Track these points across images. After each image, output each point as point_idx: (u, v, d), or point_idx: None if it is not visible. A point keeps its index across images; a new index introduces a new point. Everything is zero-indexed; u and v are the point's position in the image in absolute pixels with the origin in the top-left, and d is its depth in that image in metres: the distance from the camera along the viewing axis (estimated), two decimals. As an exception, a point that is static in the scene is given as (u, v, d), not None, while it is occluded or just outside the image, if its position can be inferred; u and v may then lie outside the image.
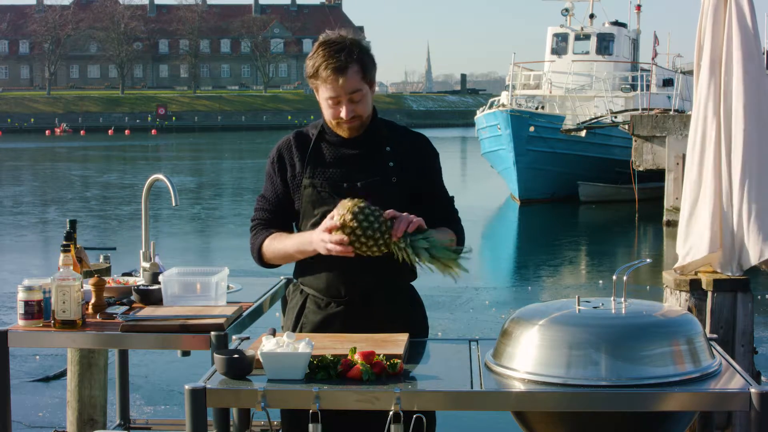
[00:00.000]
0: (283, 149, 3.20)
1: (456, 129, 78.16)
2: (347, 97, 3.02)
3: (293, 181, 3.16)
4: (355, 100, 3.04)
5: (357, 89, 3.03)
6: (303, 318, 3.16)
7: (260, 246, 3.17)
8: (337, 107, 3.06)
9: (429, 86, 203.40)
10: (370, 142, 3.14)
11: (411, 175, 3.15)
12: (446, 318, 10.02)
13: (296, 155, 3.16)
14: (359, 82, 3.03)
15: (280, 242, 3.13)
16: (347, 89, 3.01)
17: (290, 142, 3.20)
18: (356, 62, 3.01)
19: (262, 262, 3.21)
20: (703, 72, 4.53)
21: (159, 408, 6.93)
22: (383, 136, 3.17)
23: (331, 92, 3.03)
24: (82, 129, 74.11)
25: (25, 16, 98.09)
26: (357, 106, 3.05)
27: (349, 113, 3.05)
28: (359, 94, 3.04)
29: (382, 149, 3.15)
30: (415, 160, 3.18)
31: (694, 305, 4.62)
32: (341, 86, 3.00)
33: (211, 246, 16.71)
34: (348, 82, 3.00)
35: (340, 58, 2.99)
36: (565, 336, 2.55)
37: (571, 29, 29.28)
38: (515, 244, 18.23)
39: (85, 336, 3.29)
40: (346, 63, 2.99)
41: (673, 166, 17.26)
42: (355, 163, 3.12)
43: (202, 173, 34.16)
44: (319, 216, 3.10)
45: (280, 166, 3.18)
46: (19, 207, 22.49)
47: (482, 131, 25.38)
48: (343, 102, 3.04)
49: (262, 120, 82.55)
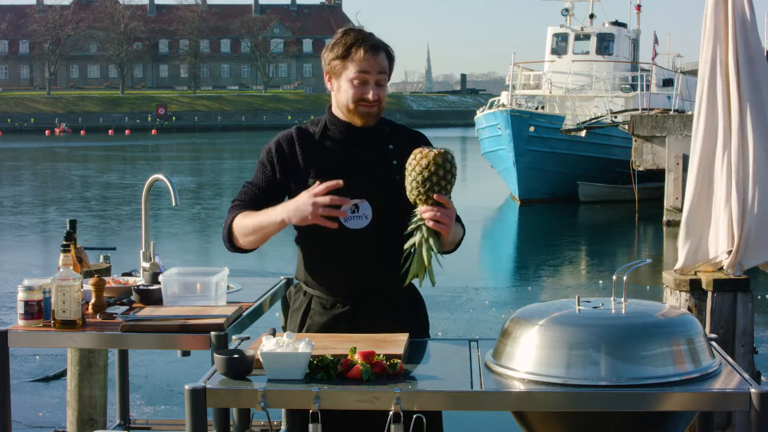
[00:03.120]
0: (283, 142, 3.17)
1: (456, 129, 78.15)
2: (376, 77, 3.08)
3: (294, 177, 3.12)
4: (381, 83, 3.10)
5: (385, 71, 3.11)
6: (309, 320, 3.14)
7: (230, 225, 3.11)
8: (364, 87, 3.08)
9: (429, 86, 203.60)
10: (373, 140, 3.15)
11: None
12: (446, 318, 10.02)
13: (299, 152, 3.13)
14: (387, 66, 3.13)
15: (250, 218, 3.06)
16: (379, 68, 3.09)
17: (292, 137, 3.16)
18: (385, 49, 3.13)
19: (232, 243, 3.13)
20: (705, 72, 4.54)
21: (159, 408, 6.93)
22: (386, 134, 3.18)
23: (365, 67, 3.07)
24: (82, 129, 74.09)
25: (25, 16, 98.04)
26: (381, 91, 3.11)
27: (374, 94, 3.08)
28: (384, 77, 3.11)
29: (385, 148, 3.15)
30: None
31: (694, 305, 4.62)
32: (376, 63, 3.08)
33: (211, 246, 16.70)
34: (381, 61, 3.09)
35: (375, 39, 3.11)
36: (565, 336, 2.55)
37: (571, 29, 29.27)
38: (515, 244, 18.23)
39: (85, 336, 3.29)
40: (380, 45, 3.11)
41: (673, 166, 17.27)
42: (360, 161, 3.12)
43: (202, 173, 34.16)
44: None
45: (279, 157, 3.14)
46: (19, 207, 22.49)
47: (482, 131, 25.38)
48: (370, 82, 3.08)
49: (262, 120, 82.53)
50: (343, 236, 3.06)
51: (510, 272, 14.48)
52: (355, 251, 3.08)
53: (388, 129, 3.20)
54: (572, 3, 29.88)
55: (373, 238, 3.08)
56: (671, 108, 22.52)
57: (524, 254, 16.59)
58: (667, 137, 17.57)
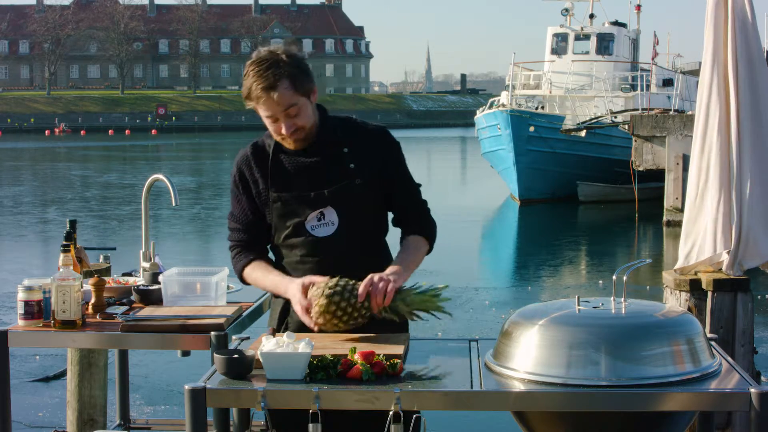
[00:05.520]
0: (242, 166, 3.17)
1: (456, 129, 78.17)
2: (283, 113, 3.00)
3: (260, 197, 3.14)
4: (292, 115, 3.01)
5: (291, 104, 3.00)
6: (288, 318, 3.15)
7: (241, 272, 3.20)
8: (276, 124, 3.04)
9: (429, 86, 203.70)
10: (326, 146, 3.11)
11: (374, 173, 3.12)
12: (446, 318, 10.00)
13: (257, 171, 3.14)
14: (292, 96, 2.99)
15: (260, 276, 3.14)
16: (281, 106, 2.99)
17: (248, 158, 3.17)
18: (286, 77, 2.97)
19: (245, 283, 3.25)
20: (705, 71, 4.54)
21: (159, 408, 6.93)
22: (338, 138, 3.13)
23: (266, 111, 3.01)
24: (82, 129, 74.15)
25: (25, 16, 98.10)
26: (296, 120, 3.02)
27: (289, 128, 3.02)
28: (295, 109, 3.01)
29: (340, 152, 3.12)
30: (374, 155, 3.14)
31: (694, 305, 4.62)
32: (275, 103, 2.98)
33: (211, 246, 16.70)
34: (280, 98, 2.97)
35: (269, 76, 2.96)
36: (565, 336, 2.55)
37: (571, 29, 29.27)
38: (515, 244, 18.22)
39: (85, 336, 3.29)
40: (275, 80, 2.96)
41: (673, 166, 17.26)
42: (317, 170, 3.10)
43: (202, 173, 34.17)
44: (291, 228, 3.10)
45: (243, 184, 3.17)
46: (19, 207, 22.49)
47: (482, 131, 25.38)
48: (280, 119, 3.02)
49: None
50: (311, 244, 3.09)
51: (510, 272, 14.47)
52: (327, 258, 3.08)
53: (341, 131, 3.15)
54: (572, 3, 29.88)
55: (343, 243, 3.09)
56: (671, 108, 22.51)
57: (524, 254, 16.58)
58: (667, 137, 17.56)
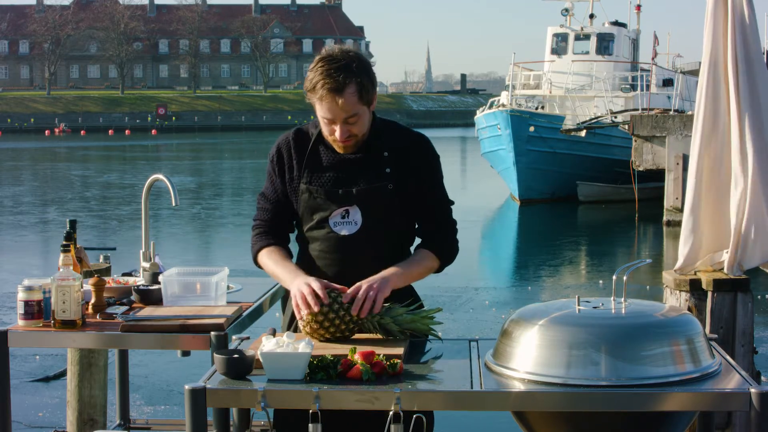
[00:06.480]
0: (282, 148, 3.18)
1: (456, 129, 78.16)
2: (343, 119, 2.97)
3: (291, 183, 3.15)
4: (351, 122, 2.99)
5: (353, 113, 2.96)
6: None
7: (256, 255, 3.22)
8: (331, 126, 3.01)
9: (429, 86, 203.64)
10: (368, 147, 3.11)
11: (408, 181, 3.11)
12: (446, 318, 10.02)
13: (294, 157, 3.14)
14: (356, 104, 2.95)
15: (272, 263, 3.14)
16: (345, 113, 2.95)
17: (289, 142, 3.17)
18: (354, 83, 2.92)
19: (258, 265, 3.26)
20: (704, 72, 4.54)
21: (159, 408, 6.93)
22: (382, 142, 3.12)
23: (327, 113, 2.97)
24: (82, 129, 74.10)
25: (25, 16, 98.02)
26: (353, 127, 3.00)
27: (343, 134, 3.00)
28: (355, 117, 2.98)
29: (380, 154, 3.11)
30: (411, 163, 3.13)
31: (694, 305, 4.62)
32: (339, 108, 2.94)
33: (211, 246, 16.70)
34: (345, 104, 2.93)
35: (338, 78, 2.90)
36: (565, 336, 2.54)
37: (571, 29, 29.26)
38: (515, 244, 18.22)
39: (85, 336, 3.29)
40: (344, 84, 2.91)
41: (673, 166, 17.26)
42: (352, 168, 3.09)
43: (202, 173, 34.15)
44: (315, 221, 3.11)
45: (279, 166, 3.17)
46: (19, 207, 22.48)
47: (482, 131, 25.38)
48: (338, 124, 2.98)
49: (262, 120, 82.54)
50: (332, 241, 3.10)
51: (510, 272, 14.47)
52: (345, 256, 3.09)
53: (386, 135, 3.13)
54: (572, 3, 29.87)
55: (363, 244, 3.08)
56: (671, 108, 22.50)
57: (524, 254, 16.58)
58: (667, 137, 17.55)
